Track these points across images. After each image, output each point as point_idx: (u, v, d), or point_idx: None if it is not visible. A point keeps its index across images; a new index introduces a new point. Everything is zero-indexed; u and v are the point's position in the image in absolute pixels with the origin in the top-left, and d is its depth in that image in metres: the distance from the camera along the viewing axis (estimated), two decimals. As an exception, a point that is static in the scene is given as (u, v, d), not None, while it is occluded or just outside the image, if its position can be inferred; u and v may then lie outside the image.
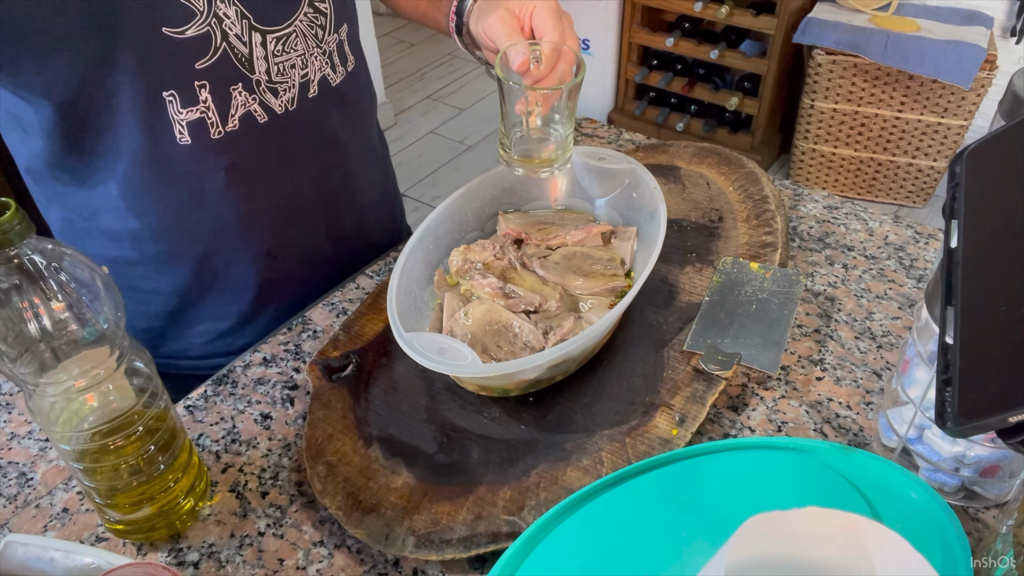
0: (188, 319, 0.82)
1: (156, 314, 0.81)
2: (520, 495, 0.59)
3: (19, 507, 0.63)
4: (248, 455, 0.66)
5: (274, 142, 0.74)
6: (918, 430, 0.60)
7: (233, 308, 0.82)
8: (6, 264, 0.45)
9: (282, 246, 0.80)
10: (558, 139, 0.69)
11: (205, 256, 0.77)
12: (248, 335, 0.84)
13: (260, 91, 0.70)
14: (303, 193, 0.79)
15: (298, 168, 0.78)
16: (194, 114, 0.67)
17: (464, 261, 0.73)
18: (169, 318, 0.81)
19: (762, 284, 0.75)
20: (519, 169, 0.69)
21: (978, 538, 0.58)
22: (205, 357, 0.84)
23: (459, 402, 0.68)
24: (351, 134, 0.83)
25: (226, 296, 0.81)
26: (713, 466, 0.58)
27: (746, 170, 0.90)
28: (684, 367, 0.68)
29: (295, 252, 0.82)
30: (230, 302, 0.81)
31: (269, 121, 0.72)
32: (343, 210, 0.85)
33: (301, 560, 0.58)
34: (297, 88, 0.73)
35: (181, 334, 0.83)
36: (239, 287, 0.80)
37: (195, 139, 0.69)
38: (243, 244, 0.78)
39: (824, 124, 2.40)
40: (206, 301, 0.81)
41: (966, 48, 2.10)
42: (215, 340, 0.83)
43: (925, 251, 0.85)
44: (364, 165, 0.87)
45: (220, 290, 0.80)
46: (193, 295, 0.80)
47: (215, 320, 0.82)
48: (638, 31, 2.65)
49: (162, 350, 0.84)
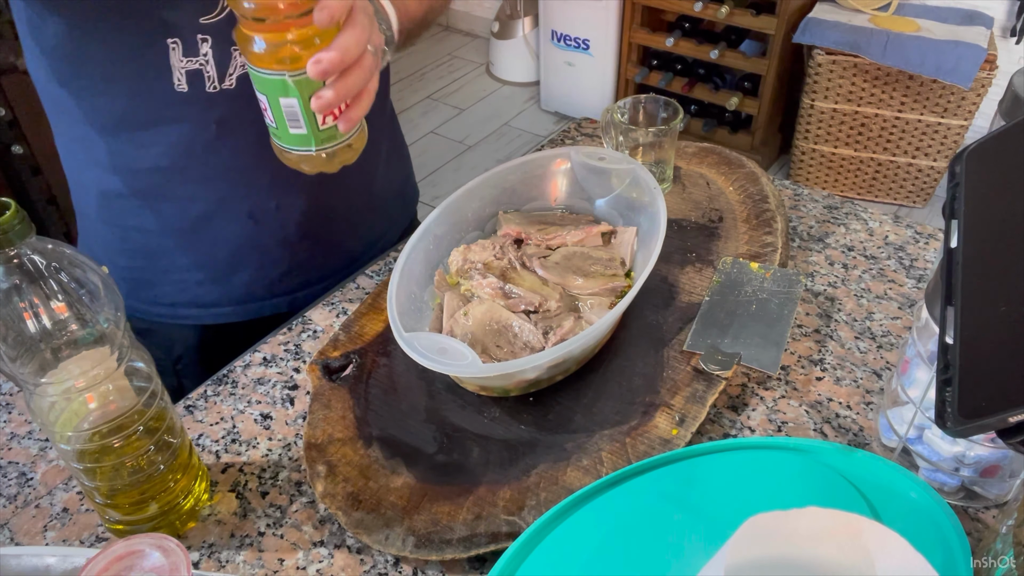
0: (165, 264, 0.83)
1: (136, 251, 0.83)
2: (520, 495, 0.59)
3: (19, 507, 0.63)
4: (248, 455, 0.66)
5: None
6: (918, 430, 0.60)
7: (208, 261, 0.83)
8: (6, 264, 0.45)
9: (263, 210, 0.81)
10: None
11: (190, 200, 0.79)
12: (218, 293, 0.85)
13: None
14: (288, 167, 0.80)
15: None
16: (193, 65, 0.70)
17: (464, 261, 0.73)
18: (148, 258, 0.83)
19: (762, 284, 0.75)
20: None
21: (978, 538, 0.58)
22: (176, 305, 0.86)
23: (459, 402, 0.68)
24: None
25: (203, 248, 0.82)
26: (713, 466, 0.58)
27: (746, 170, 0.90)
28: (684, 367, 0.68)
29: (277, 220, 0.82)
30: (205, 254, 0.83)
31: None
32: (332, 187, 0.84)
33: (301, 560, 0.58)
34: None
35: (157, 279, 0.85)
36: (216, 242, 0.82)
37: (191, 88, 0.71)
38: (226, 200, 0.79)
39: (824, 124, 2.40)
40: (183, 249, 0.82)
41: (966, 48, 2.10)
42: (188, 290, 0.85)
43: (925, 251, 0.85)
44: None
45: (198, 240, 0.82)
46: (172, 240, 0.82)
47: (189, 270, 0.84)
48: (638, 31, 2.65)
49: (140, 293, 0.86)
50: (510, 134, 3.00)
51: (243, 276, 0.85)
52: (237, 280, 0.85)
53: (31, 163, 2.13)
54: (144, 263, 0.84)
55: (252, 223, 0.81)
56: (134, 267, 0.84)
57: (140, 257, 0.83)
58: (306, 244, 0.85)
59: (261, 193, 0.80)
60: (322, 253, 0.88)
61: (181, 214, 0.80)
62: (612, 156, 0.78)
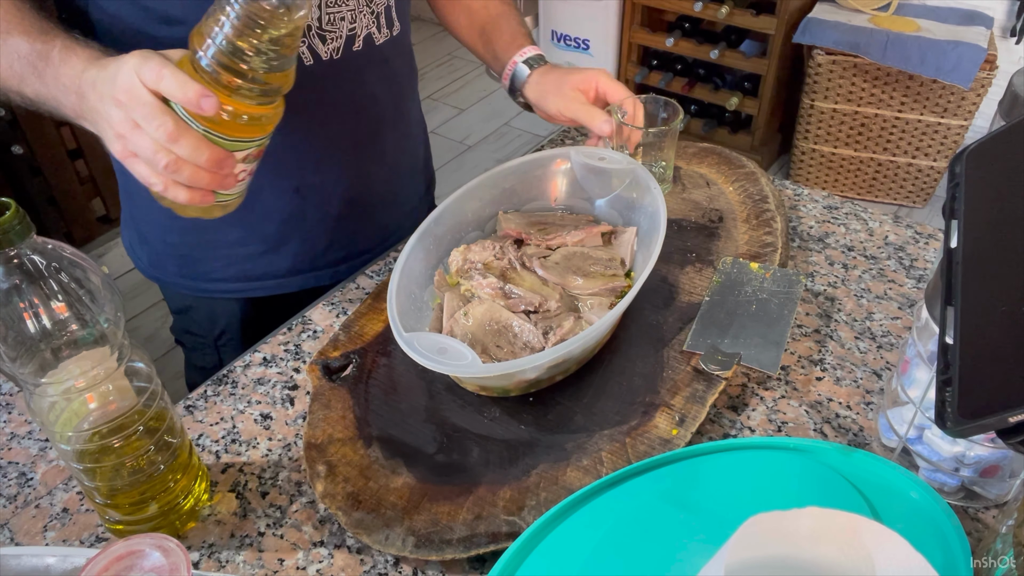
0: (214, 239, 0.86)
1: (187, 228, 0.85)
2: (520, 495, 0.59)
3: (19, 507, 0.63)
4: (248, 455, 0.66)
5: (315, 86, 0.78)
6: (918, 430, 0.60)
7: (256, 235, 0.86)
8: (6, 264, 0.45)
9: (309, 186, 0.84)
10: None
11: None
12: (264, 266, 0.88)
13: (310, 35, 0.75)
14: (334, 141, 0.83)
15: (333, 116, 0.82)
16: None
17: (464, 261, 0.73)
18: (198, 233, 0.86)
19: (762, 284, 0.75)
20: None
21: (978, 538, 0.58)
22: (225, 280, 0.89)
23: (459, 402, 0.68)
24: (388, 93, 0.87)
25: (252, 222, 0.84)
26: (713, 466, 0.58)
27: (746, 170, 0.90)
28: (684, 367, 0.68)
29: (321, 195, 0.86)
30: (254, 229, 0.85)
31: (314, 65, 0.77)
32: (372, 165, 0.89)
33: (301, 560, 0.58)
34: (343, 40, 0.78)
35: (206, 255, 0.87)
36: (265, 215, 0.84)
37: None
38: (274, 174, 0.80)
39: (824, 124, 2.40)
40: (232, 223, 0.83)
41: (966, 48, 2.10)
42: (235, 264, 0.88)
43: (925, 251, 0.85)
44: (397, 127, 0.91)
45: (247, 213, 0.82)
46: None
47: (238, 244, 0.86)
48: (638, 31, 2.65)
49: (188, 269, 0.89)
50: (510, 134, 3.00)
51: (289, 249, 0.88)
52: (284, 253, 0.88)
53: (31, 163, 2.13)
54: (194, 239, 0.86)
55: (299, 198, 0.84)
56: (184, 243, 0.87)
57: (190, 233, 0.86)
58: (348, 218, 0.89)
59: (307, 169, 0.83)
60: (361, 227, 0.91)
61: None
62: (612, 156, 0.78)
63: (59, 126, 2.13)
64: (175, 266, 0.89)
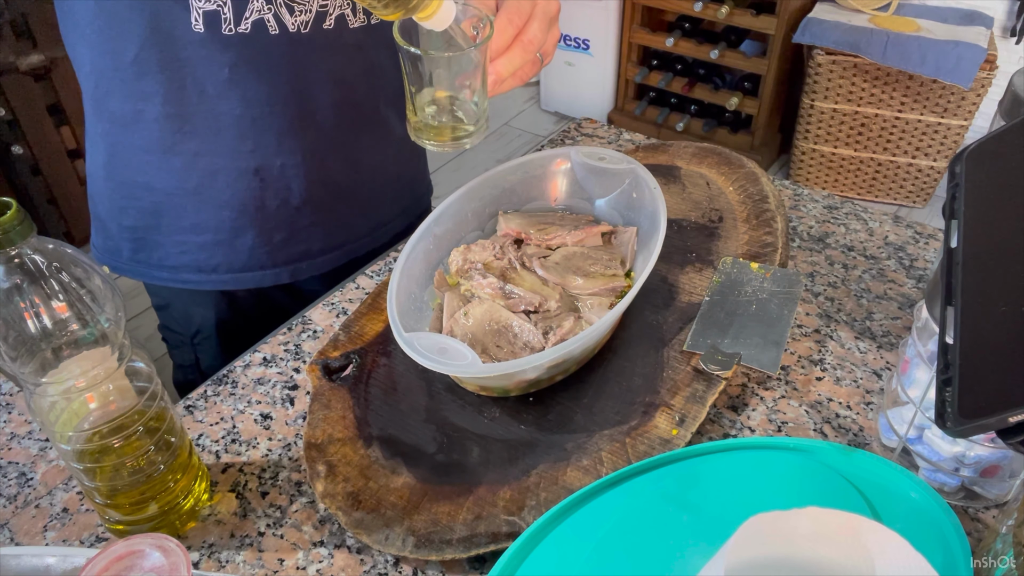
0: (169, 225, 0.84)
1: (142, 210, 0.84)
2: (520, 495, 0.59)
3: (19, 507, 0.63)
4: (248, 455, 0.66)
5: (281, 59, 0.77)
6: (918, 430, 0.60)
7: (212, 223, 0.84)
8: (7, 264, 0.45)
9: (268, 168, 0.82)
10: (473, 110, 0.63)
11: (196, 155, 0.80)
12: (220, 257, 0.86)
13: (276, 3, 0.74)
14: (296, 121, 0.81)
15: (297, 94, 0.80)
16: (211, 5, 0.71)
17: (464, 261, 0.73)
18: (153, 216, 0.84)
19: (762, 284, 0.75)
20: (429, 144, 0.65)
21: (978, 538, 0.58)
22: (178, 269, 0.87)
23: (459, 402, 0.68)
24: (365, 86, 0.84)
25: (208, 208, 0.83)
26: (713, 466, 0.58)
27: (746, 170, 0.90)
28: (684, 367, 0.68)
29: (282, 181, 0.83)
30: (210, 215, 0.83)
31: (280, 36, 0.75)
32: (337, 158, 0.86)
33: (301, 560, 0.58)
34: (313, 15, 0.76)
35: (160, 240, 0.86)
36: (221, 201, 0.83)
37: (208, 29, 0.72)
38: (233, 153, 0.79)
39: (824, 124, 2.40)
40: (188, 208, 0.83)
41: (966, 48, 2.10)
42: (189, 252, 0.86)
43: (925, 251, 0.85)
44: (374, 128, 0.88)
45: (203, 199, 0.82)
46: (178, 199, 0.82)
47: (193, 232, 0.85)
48: (638, 31, 2.65)
49: (142, 255, 0.87)
50: (510, 134, 3.00)
51: (245, 240, 0.86)
52: (239, 244, 0.86)
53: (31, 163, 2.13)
54: (149, 222, 0.85)
55: (258, 181, 0.82)
56: (138, 227, 0.85)
57: (145, 216, 0.84)
58: (308, 210, 0.86)
59: (268, 150, 0.81)
60: (323, 223, 0.88)
61: (188, 169, 0.80)
62: (612, 156, 0.78)
63: (59, 126, 2.13)
64: (129, 250, 0.87)
